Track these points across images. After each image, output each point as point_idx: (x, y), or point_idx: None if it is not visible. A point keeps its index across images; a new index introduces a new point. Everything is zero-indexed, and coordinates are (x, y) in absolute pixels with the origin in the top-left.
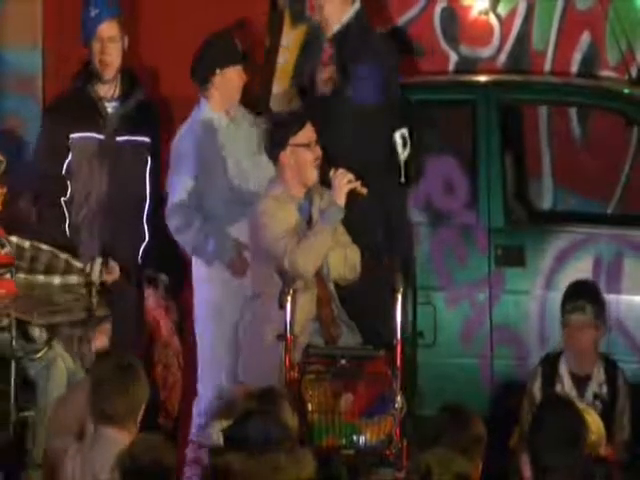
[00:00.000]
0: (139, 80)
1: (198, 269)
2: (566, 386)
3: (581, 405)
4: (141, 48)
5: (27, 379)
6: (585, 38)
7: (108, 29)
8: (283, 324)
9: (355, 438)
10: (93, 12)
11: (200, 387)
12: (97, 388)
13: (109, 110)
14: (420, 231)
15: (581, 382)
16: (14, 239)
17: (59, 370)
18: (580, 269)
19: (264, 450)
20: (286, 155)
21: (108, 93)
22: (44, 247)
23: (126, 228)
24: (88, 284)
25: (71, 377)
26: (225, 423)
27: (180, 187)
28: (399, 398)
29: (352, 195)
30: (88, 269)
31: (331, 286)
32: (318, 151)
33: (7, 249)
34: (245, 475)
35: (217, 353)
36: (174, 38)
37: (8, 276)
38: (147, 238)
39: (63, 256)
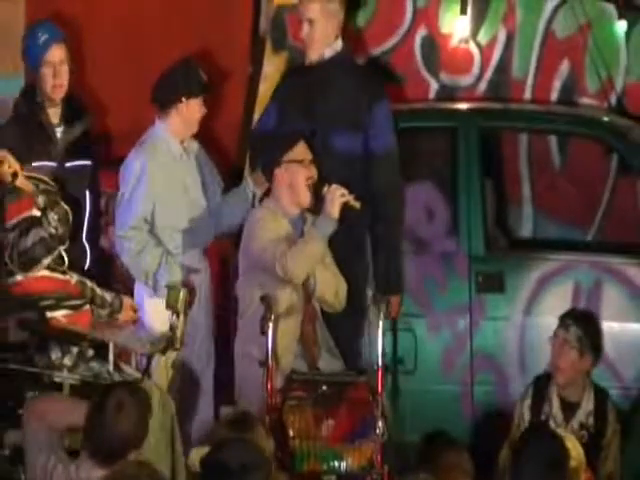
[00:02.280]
0: (85, 106)
1: (140, 293)
2: (554, 409)
3: (562, 432)
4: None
5: None
6: (565, 66)
7: (58, 53)
8: (264, 351)
9: (337, 464)
10: (41, 38)
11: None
12: (93, 422)
13: (58, 135)
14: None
15: (569, 408)
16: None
17: (154, 399)
18: (560, 296)
19: (241, 477)
20: (280, 172)
21: (55, 118)
22: (87, 282)
23: (72, 248)
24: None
25: (165, 404)
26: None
27: (135, 212)
28: (380, 424)
29: (345, 210)
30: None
31: (316, 305)
32: (312, 170)
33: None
34: None
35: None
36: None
37: (87, 308)
38: (89, 255)
39: (99, 291)
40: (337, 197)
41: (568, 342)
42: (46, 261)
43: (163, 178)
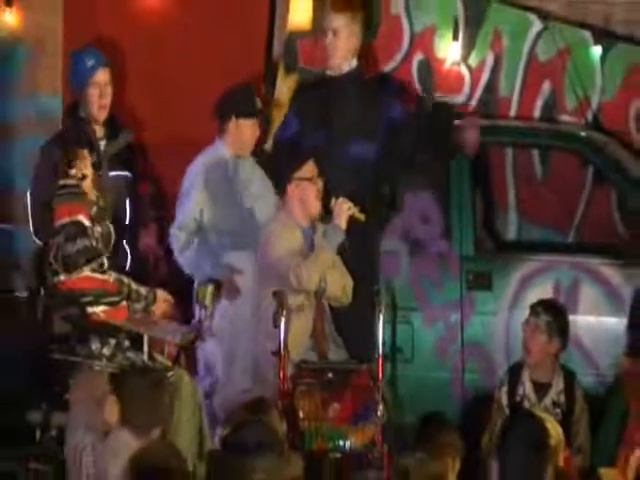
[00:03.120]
0: (123, 122)
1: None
2: (527, 390)
3: (542, 413)
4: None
5: None
6: (546, 86)
7: (104, 75)
8: (277, 342)
9: (342, 443)
10: (89, 62)
11: None
12: (125, 396)
13: (101, 149)
14: (400, 258)
15: (541, 389)
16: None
17: (186, 386)
18: (541, 292)
19: (257, 454)
20: (292, 188)
21: (99, 133)
22: (124, 279)
23: (114, 250)
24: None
25: (194, 391)
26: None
27: (185, 213)
28: (381, 407)
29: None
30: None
31: (325, 303)
32: (320, 184)
33: (113, 277)
34: (241, 476)
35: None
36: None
37: (123, 304)
38: (129, 257)
39: (134, 287)
40: (344, 210)
41: (538, 327)
42: (86, 268)
43: (214, 186)
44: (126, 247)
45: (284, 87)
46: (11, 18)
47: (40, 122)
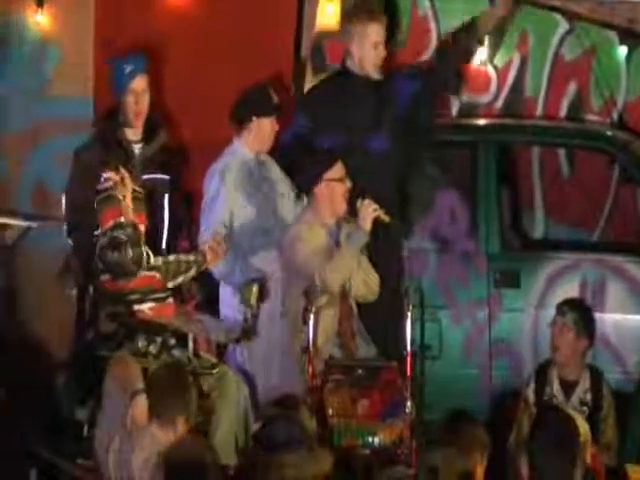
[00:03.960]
0: (161, 125)
1: (225, 293)
2: (554, 389)
3: (571, 410)
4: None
5: (201, 392)
6: (572, 86)
7: (141, 83)
8: (306, 339)
9: (370, 439)
10: (127, 69)
11: None
12: (150, 387)
13: (135, 151)
14: (428, 257)
15: (568, 387)
16: (159, 260)
17: (230, 382)
18: (568, 290)
19: (287, 449)
20: (321, 188)
21: (134, 136)
22: (170, 258)
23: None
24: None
25: (239, 385)
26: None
27: (213, 218)
28: (409, 404)
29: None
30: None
31: (352, 302)
32: (348, 185)
33: (159, 274)
34: (270, 471)
35: (252, 368)
36: (198, 89)
37: (170, 300)
38: None
39: (182, 258)
40: (369, 212)
41: (566, 325)
42: (123, 280)
43: (240, 187)
44: (165, 252)
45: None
46: (42, 19)
47: (71, 123)
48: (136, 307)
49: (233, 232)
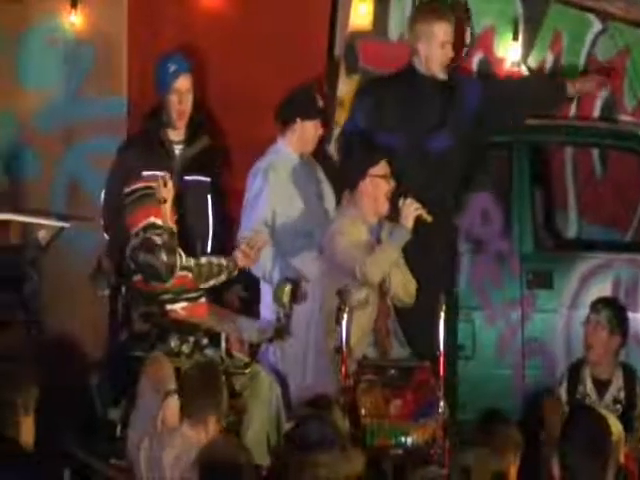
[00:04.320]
0: (204, 127)
1: (265, 294)
2: (587, 388)
3: (603, 410)
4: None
5: (234, 391)
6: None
7: (184, 82)
8: (339, 338)
9: (403, 439)
10: (171, 68)
11: None
12: (183, 386)
13: (177, 152)
14: (462, 258)
15: (601, 386)
16: (190, 261)
17: (263, 382)
18: (601, 290)
19: (319, 449)
20: (365, 184)
21: (177, 137)
22: (202, 260)
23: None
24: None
25: (271, 385)
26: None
27: (255, 216)
28: (442, 404)
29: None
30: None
31: (390, 302)
32: (392, 184)
33: (192, 262)
34: (303, 471)
35: (285, 368)
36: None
37: (202, 300)
38: None
39: (215, 261)
40: (412, 211)
41: (599, 324)
42: (154, 282)
43: (282, 187)
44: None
45: (346, 87)
46: (76, 20)
47: (105, 123)
48: (169, 307)
49: (275, 231)
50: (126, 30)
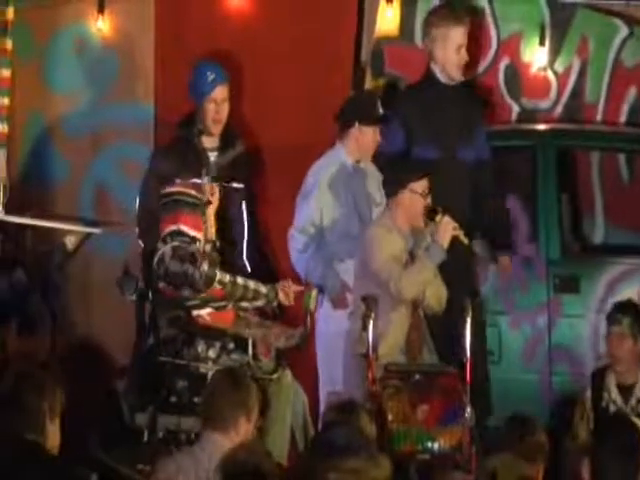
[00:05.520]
0: (238, 134)
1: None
2: (612, 394)
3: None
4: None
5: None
6: (632, 92)
7: (222, 92)
8: (366, 344)
9: (429, 444)
10: (210, 77)
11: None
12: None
13: (211, 159)
14: (488, 262)
15: (626, 391)
16: (226, 276)
17: (288, 386)
18: (628, 295)
19: (346, 454)
20: (404, 196)
21: (211, 144)
22: (239, 280)
23: (229, 265)
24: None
25: (297, 391)
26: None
27: (304, 216)
28: (468, 409)
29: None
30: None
31: (421, 312)
32: (429, 200)
33: (227, 279)
34: (329, 478)
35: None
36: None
37: (229, 307)
38: (248, 270)
39: (252, 286)
40: (449, 230)
41: (623, 334)
42: (186, 292)
43: (332, 188)
44: (245, 263)
45: None
46: (103, 25)
47: (133, 129)
48: (195, 312)
49: (322, 232)
50: (153, 36)
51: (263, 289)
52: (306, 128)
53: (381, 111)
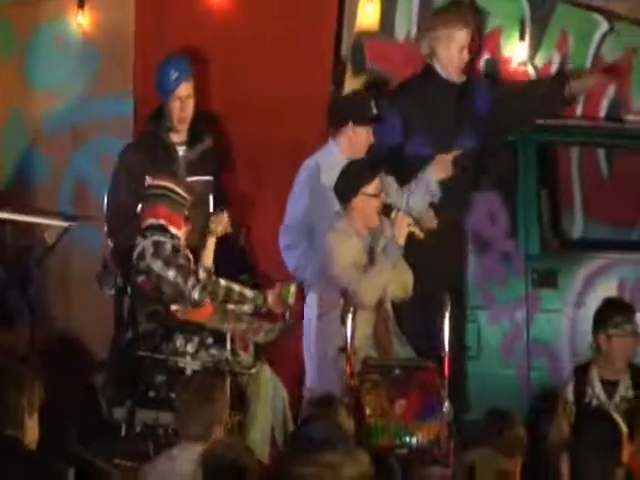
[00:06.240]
0: (206, 128)
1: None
2: (596, 389)
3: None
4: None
5: (240, 390)
6: (612, 87)
7: (186, 89)
8: (344, 339)
9: (408, 439)
10: (173, 75)
11: None
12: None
13: (180, 154)
14: (468, 258)
15: (610, 387)
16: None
17: (267, 382)
18: (607, 290)
19: (324, 450)
20: (357, 201)
21: (180, 139)
22: (222, 282)
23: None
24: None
25: (276, 387)
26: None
27: (295, 212)
28: (446, 404)
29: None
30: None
31: (388, 306)
32: (383, 199)
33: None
34: (306, 474)
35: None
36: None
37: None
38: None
39: (237, 289)
40: (404, 226)
41: (628, 336)
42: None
43: (322, 188)
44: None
45: (351, 87)
46: (83, 20)
47: (113, 123)
48: (174, 307)
49: (311, 229)
50: (133, 31)
51: (249, 293)
52: (286, 124)
53: (375, 111)
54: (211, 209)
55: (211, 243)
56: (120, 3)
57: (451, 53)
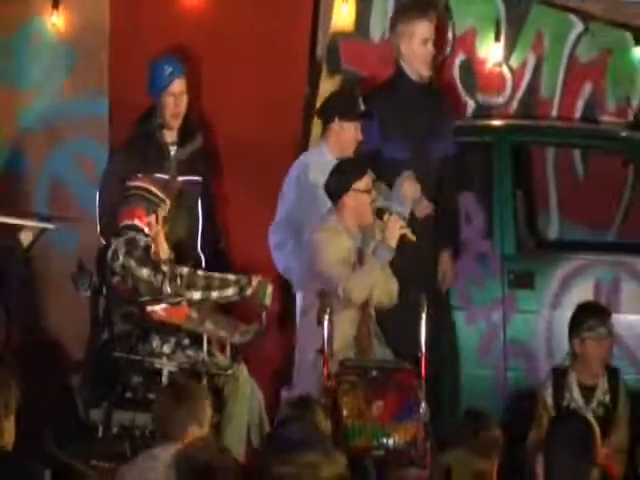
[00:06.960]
0: (197, 127)
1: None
2: (574, 394)
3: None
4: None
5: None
6: (587, 87)
7: (180, 85)
8: (321, 340)
9: (384, 440)
10: (167, 70)
11: None
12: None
13: (172, 153)
14: None
15: (588, 391)
16: (184, 269)
17: (244, 383)
18: (583, 291)
19: (301, 450)
20: (349, 198)
21: (171, 138)
22: (199, 272)
23: (184, 256)
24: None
25: (252, 388)
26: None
27: (284, 211)
28: (423, 405)
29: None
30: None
31: (371, 310)
32: (374, 195)
33: (185, 271)
34: (283, 474)
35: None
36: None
37: (184, 303)
38: (203, 263)
39: (217, 275)
40: (396, 229)
41: (604, 339)
42: (145, 297)
43: (310, 186)
44: (200, 254)
45: (326, 88)
46: (57, 20)
47: (88, 123)
48: (149, 308)
49: (300, 229)
50: (108, 30)
51: (231, 276)
52: (262, 124)
53: (362, 107)
54: (199, 209)
55: (160, 236)
56: (95, 3)
57: (414, 47)
